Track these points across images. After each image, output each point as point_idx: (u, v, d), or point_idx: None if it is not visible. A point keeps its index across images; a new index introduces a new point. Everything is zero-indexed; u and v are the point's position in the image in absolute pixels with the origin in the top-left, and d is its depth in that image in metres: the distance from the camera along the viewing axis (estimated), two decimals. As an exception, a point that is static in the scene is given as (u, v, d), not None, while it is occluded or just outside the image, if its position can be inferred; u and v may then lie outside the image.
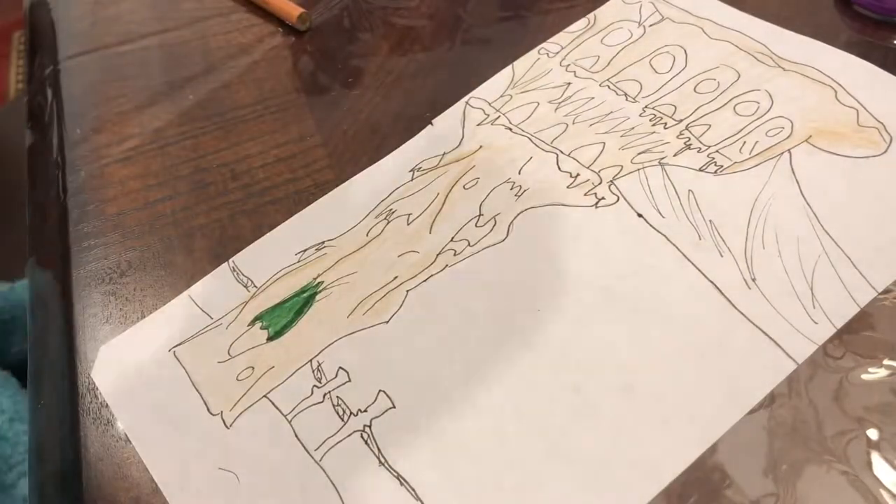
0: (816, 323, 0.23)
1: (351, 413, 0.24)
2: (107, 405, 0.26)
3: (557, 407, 0.23)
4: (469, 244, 0.28)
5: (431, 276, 0.27)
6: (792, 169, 0.27)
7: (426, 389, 0.24)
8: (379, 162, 0.32)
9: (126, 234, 0.31)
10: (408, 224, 0.29)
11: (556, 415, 0.23)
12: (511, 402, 0.24)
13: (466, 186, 0.30)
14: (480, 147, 0.31)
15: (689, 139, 0.29)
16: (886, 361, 0.22)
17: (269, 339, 0.27)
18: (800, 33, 0.32)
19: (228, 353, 0.27)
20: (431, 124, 0.33)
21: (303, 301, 0.28)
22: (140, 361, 0.27)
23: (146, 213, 0.32)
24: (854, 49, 0.31)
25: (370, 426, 0.24)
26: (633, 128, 0.30)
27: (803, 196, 0.27)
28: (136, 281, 0.30)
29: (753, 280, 0.25)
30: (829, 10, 0.33)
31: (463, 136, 0.32)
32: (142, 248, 0.31)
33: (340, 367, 0.25)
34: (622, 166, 0.29)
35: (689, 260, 0.26)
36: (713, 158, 0.29)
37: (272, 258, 0.29)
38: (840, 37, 0.32)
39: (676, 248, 0.26)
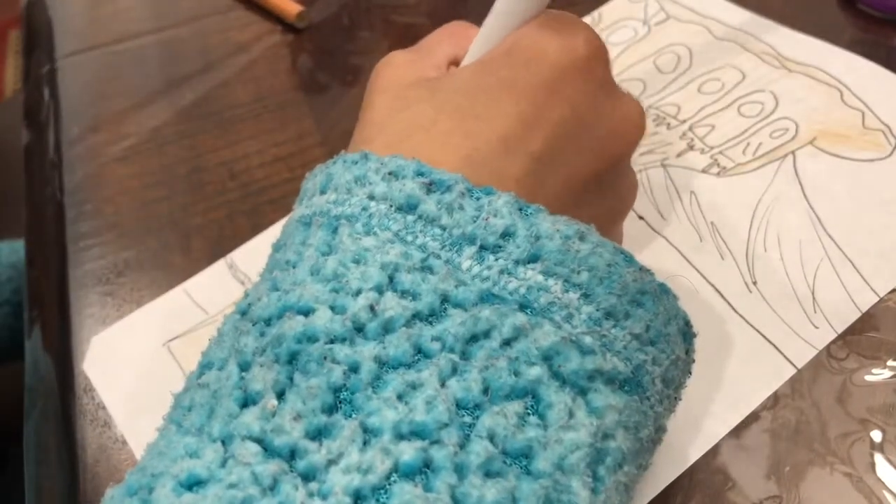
0: (817, 327, 0.23)
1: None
2: (104, 407, 0.26)
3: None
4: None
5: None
6: (796, 171, 0.27)
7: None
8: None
9: (123, 234, 0.31)
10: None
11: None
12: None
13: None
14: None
15: (693, 140, 0.29)
16: (890, 362, 0.22)
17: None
18: (803, 32, 0.32)
19: (226, 354, 0.27)
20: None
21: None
22: (133, 354, 0.27)
23: (143, 213, 0.32)
24: (858, 48, 0.31)
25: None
26: (634, 127, 0.30)
27: (806, 199, 0.26)
28: (133, 281, 0.30)
29: (754, 283, 0.25)
30: (833, 9, 0.33)
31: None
32: (139, 248, 0.31)
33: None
34: (624, 166, 0.29)
35: (689, 262, 0.26)
36: (716, 160, 0.28)
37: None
38: (844, 35, 0.32)
39: (677, 250, 0.26)
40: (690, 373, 0.18)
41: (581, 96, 0.18)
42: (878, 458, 0.21)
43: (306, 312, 0.15)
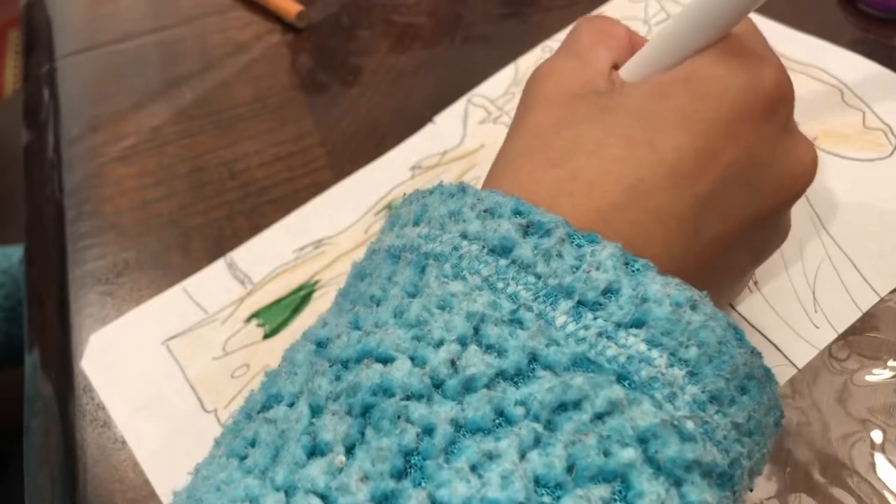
0: (818, 327, 0.23)
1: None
2: (103, 407, 0.26)
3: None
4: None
5: (431, 276, 0.27)
6: (795, 169, 0.27)
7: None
8: (378, 160, 0.31)
9: (123, 234, 0.31)
10: (408, 224, 0.29)
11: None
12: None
13: (467, 186, 0.30)
14: (482, 145, 0.31)
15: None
16: (891, 363, 0.22)
17: (265, 337, 0.27)
18: (803, 32, 0.32)
19: (223, 350, 0.27)
20: (433, 122, 0.32)
21: (300, 299, 0.28)
22: (132, 352, 0.27)
23: (143, 213, 0.32)
24: (858, 48, 0.31)
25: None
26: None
27: (807, 198, 0.26)
28: (132, 281, 0.29)
29: (755, 283, 0.25)
30: (833, 9, 0.33)
31: (464, 135, 0.32)
32: (139, 248, 0.31)
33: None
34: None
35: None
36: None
37: (270, 255, 0.29)
38: (844, 35, 0.32)
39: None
40: (766, 462, 0.16)
41: (759, 139, 0.17)
42: (879, 459, 0.21)
43: (385, 361, 0.14)
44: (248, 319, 0.27)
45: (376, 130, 0.33)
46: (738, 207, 0.17)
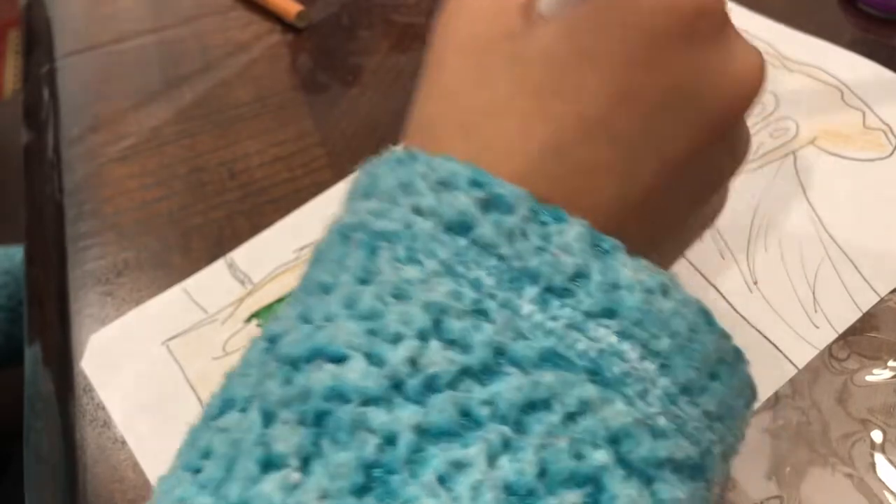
0: (818, 327, 0.23)
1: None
2: (103, 407, 0.26)
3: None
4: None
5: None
6: (796, 171, 0.27)
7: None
8: (378, 161, 0.31)
9: (123, 234, 0.31)
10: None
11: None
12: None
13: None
14: (481, 146, 0.31)
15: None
16: (891, 363, 0.22)
17: (267, 339, 0.27)
18: (803, 31, 0.32)
19: (223, 350, 0.27)
20: (431, 123, 0.32)
21: (301, 301, 0.28)
22: (132, 352, 0.27)
23: (143, 213, 0.32)
24: (858, 48, 0.31)
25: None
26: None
27: (807, 198, 0.26)
28: (132, 281, 0.29)
29: (755, 283, 0.25)
30: (833, 9, 0.33)
31: (463, 136, 0.32)
32: (138, 248, 0.31)
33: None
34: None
35: (689, 262, 0.26)
36: (716, 158, 0.28)
37: (270, 255, 0.29)
38: (844, 35, 0.32)
39: (679, 248, 0.26)
40: (740, 443, 0.15)
41: (683, 64, 0.15)
42: (879, 459, 0.21)
43: (337, 360, 0.12)
44: (249, 319, 0.27)
45: (376, 130, 0.33)
46: (674, 139, 0.15)
